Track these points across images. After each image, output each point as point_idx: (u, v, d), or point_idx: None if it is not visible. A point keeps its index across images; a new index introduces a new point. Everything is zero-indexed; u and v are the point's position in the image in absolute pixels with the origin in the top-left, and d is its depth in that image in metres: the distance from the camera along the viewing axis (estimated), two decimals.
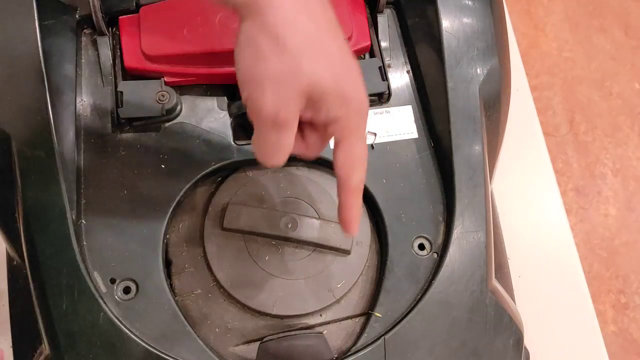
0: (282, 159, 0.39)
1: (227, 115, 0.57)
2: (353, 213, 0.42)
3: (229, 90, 0.58)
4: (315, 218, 0.54)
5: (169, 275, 0.53)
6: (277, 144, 0.38)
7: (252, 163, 0.56)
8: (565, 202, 1.47)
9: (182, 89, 0.57)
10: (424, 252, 0.54)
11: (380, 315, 0.51)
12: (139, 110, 0.55)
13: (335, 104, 0.38)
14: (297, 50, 0.35)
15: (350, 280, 0.53)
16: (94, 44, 0.58)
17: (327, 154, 0.56)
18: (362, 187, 0.42)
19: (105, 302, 0.48)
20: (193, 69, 0.56)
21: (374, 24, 0.62)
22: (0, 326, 0.63)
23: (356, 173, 0.41)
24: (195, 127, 0.56)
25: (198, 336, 0.50)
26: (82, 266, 0.48)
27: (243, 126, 0.59)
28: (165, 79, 0.56)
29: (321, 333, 0.51)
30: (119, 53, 0.57)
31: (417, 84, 0.60)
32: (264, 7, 0.35)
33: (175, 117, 0.56)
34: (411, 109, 0.59)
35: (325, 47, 0.37)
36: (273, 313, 0.51)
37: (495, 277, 0.54)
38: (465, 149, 0.55)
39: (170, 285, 0.52)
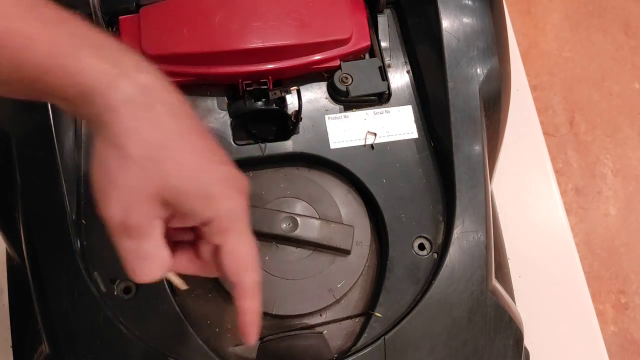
0: (152, 271, 0.38)
1: (227, 115, 0.57)
2: (249, 318, 0.40)
3: (229, 90, 0.58)
4: (315, 218, 0.54)
5: None
6: (137, 252, 0.37)
7: (252, 163, 0.56)
8: (565, 202, 1.46)
9: (182, 88, 0.57)
10: (424, 252, 0.54)
11: (380, 315, 0.51)
12: None
13: (198, 205, 0.37)
14: (141, 158, 0.36)
15: (350, 280, 0.53)
16: None
17: (326, 153, 0.56)
18: (257, 288, 0.40)
19: (105, 302, 0.48)
20: (193, 68, 0.56)
21: (374, 24, 0.62)
22: (0, 326, 0.63)
23: (247, 274, 0.39)
24: None
25: (198, 336, 0.50)
26: (82, 266, 0.48)
27: (243, 126, 0.59)
28: None
29: (321, 333, 0.51)
30: None
31: (417, 84, 0.60)
32: (105, 120, 0.36)
33: None
34: (411, 109, 0.59)
35: (174, 151, 0.36)
36: (273, 313, 0.51)
37: (495, 277, 0.54)
38: (465, 149, 0.55)
39: (171, 285, 0.52)
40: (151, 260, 0.37)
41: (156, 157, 0.36)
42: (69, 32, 0.36)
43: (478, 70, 0.57)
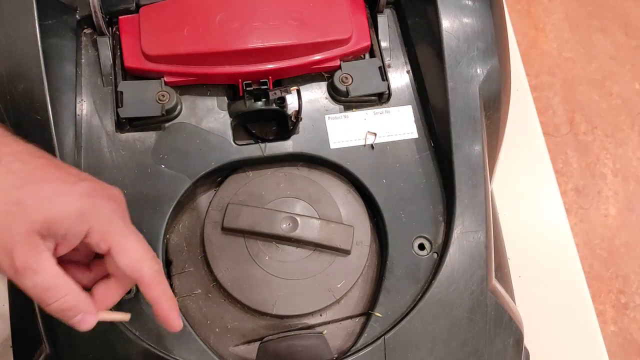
0: (60, 299, 0.39)
1: (227, 115, 0.57)
2: (165, 305, 0.42)
3: (229, 90, 0.58)
4: (315, 218, 0.54)
5: (169, 275, 0.53)
6: (37, 288, 0.39)
7: (252, 163, 0.56)
8: (565, 202, 1.47)
9: (182, 89, 0.57)
10: (424, 252, 0.54)
11: (380, 315, 0.51)
12: (139, 110, 0.55)
13: (70, 225, 0.39)
14: (1, 205, 0.38)
15: (350, 280, 0.53)
16: (94, 44, 0.58)
17: (326, 153, 0.56)
18: (159, 275, 0.42)
19: None
20: (193, 69, 0.56)
21: (374, 24, 0.62)
22: (0, 326, 0.63)
23: (144, 266, 0.41)
24: (195, 127, 0.56)
25: (198, 336, 0.50)
26: None
27: (243, 126, 0.59)
28: (165, 79, 0.56)
29: (321, 333, 0.51)
30: (119, 53, 0.57)
31: (417, 84, 0.60)
32: None
33: (175, 117, 0.56)
34: (411, 109, 0.59)
35: (28, 188, 0.38)
36: (273, 313, 0.51)
37: (495, 277, 0.54)
38: (465, 149, 0.55)
39: (170, 285, 0.52)
40: (54, 290, 0.39)
41: (15, 200, 0.38)
42: None
43: (478, 70, 0.57)
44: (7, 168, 0.39)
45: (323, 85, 0.59)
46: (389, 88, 0.59)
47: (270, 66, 0.56)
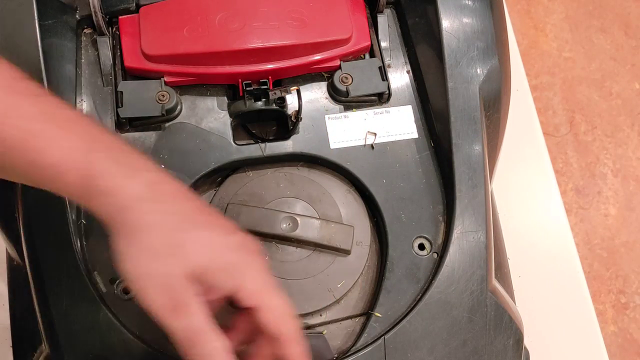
0: (209, 345, 0.39)
1: (227, 115, 0.57)
2: None
3: (229, 90, 0.58)
4: (315, 218, 0.54)
5: None
6: (191, 329, 0.39)
7: (252, 163, 0.56)
8: (565, 202, 1.47)
9: (182, 89, 0.57)
10: (424, 252, 0.54)
11: (380, 315, 0.51)
12: (139, 110, 0.55)
13: (222, 276, 0.40)
14: (163, 246, 0.39)
15: (350, 280, 0.53)
16: (94, 44, 0.58)
17: (326, 153, 0.56)
18: (298, 334, 0.41)
19: (105, 302, 0.48)
20: (193, 69, 0.56)
21: (374, 24, 0.62)
22: (0, 326, 0.63)
23: (287, 324, 0.41)
24: (195, 127, 0.56)
25: None
26: (82, 266, 0.48)
27: (243, 126, 0.59)
28: (165, 79, 0.56)
29: (321, 333, 0.51)
30: (119, 53, 0.57)
31: (417, 84, 0.60)
32: (121, 219, 0.39)
33: (175, 117, 0.56)
34: (411, 109, 0.59)
35: (189, 233, 0.40)
36: None
37: (495, 277, 0.54)
38: (465, 149, 0.55)
39: None
40: (205, 333, 0.39)
41: (176, 242, 0.39)
42: (80, 135, 0.39)
43: (478, 70, 0.57)
44: (168, 210, 0.40)
45: (323, 85, 0.59)
46: (389, 88, 0.59)
47: (270, 66, 0.56)
